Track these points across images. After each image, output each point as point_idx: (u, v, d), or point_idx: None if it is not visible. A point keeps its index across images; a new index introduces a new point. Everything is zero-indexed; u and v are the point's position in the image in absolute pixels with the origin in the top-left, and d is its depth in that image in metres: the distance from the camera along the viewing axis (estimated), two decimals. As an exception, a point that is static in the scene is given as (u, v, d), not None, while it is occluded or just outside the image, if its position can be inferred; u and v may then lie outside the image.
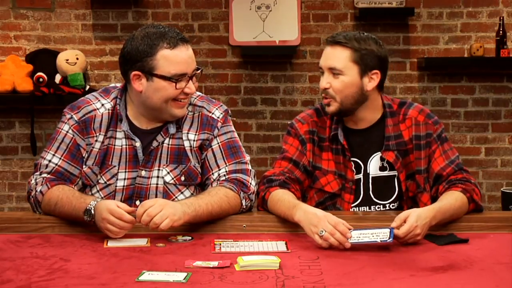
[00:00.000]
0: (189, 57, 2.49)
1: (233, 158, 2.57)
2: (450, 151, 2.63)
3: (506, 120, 4.98)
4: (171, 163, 2.55)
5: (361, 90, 2.58)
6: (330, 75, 2.58)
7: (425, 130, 2.63)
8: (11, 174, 4.95)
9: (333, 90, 2.57)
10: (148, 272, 1.96)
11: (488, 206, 4.99)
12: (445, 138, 2.66)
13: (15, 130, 4.93)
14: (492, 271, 1.99)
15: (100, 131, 2.54)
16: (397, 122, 2.64)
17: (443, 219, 2.37)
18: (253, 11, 4.90)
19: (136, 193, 2.55)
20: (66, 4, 4.89)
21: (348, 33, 2.63)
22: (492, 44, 4.88)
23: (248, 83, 4.97)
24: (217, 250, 2.19)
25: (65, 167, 2.53)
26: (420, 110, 2.68)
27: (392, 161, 2.60)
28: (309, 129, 2.66)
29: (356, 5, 4.88)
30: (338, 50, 2.57)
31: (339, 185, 2.62)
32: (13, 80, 4.70)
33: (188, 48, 2.50)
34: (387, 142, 2.61)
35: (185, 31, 4.88)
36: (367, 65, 2.57)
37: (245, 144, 4.95)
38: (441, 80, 4.96)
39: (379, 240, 2.15)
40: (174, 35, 2.48)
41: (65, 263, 2.06)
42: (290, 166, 2.62)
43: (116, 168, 2.54)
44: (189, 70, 2.48)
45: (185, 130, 2.57)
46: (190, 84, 2.49)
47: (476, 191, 2.52)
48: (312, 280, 1.90)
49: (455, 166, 2.60)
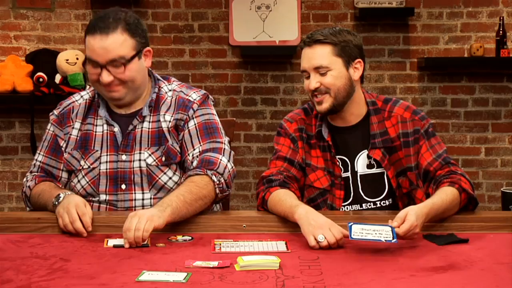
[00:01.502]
0: (100, 47, 2.47)
1: (208, 138, 2.60)
2: (438, 145, 2.63)
3: (506, 120, 4.98)
4: (152, 145, 2.60)
5: (350, 81, 2.59)
6: (317, 75, 2.58)
7: (412, 127, 2.63)
8: (11, 174, 4.95)
9: (325, 86, 2.57)
10: (148, 272, 1.96)
11: (488, 206, 4.99)
12: (432, 133, 2.65)
13: (15, 130, 4.93)
14: (492, 271, 1.99)
15: (76, 119, 2.65)
16: (382, 119, 2.64)
17: (436, 215, 2.37)
18: (253, 11, 4.90)
19: (120, 178, 2.59)
20: (66, 4, 4.89)
21: (321, 30, 2.61)
22: (492, 44, 4.89)
23: (248, 83, 4.97)
24: (217, 250, 2.19)
25: (47, 162, 2.67)
26: (406, 107, 2.67)
27: (378, 159, 2.61)
28: (298, 127, 2.69)
29: (356, 5, 4.88)
30: (319, 48, 2.57)
31: (329, 181, 2.63)
32: (13, 80, 4.70)
33: (106, 37, 2.46)
34: (373, 140, 2.62)
35: (185, 31, 4.88)
36: (349, 55, 2.59)
37: (245, 144, 4.97)
38: (441, 80, 4.96)
39: (383, 240, 2.14)
40: (99, 23, 2.48)
41: (65, 263, 2.06)
42: (285, 165, 2.64)
43: (99, 152, 2.60)
44: (99, 59, 2.48)
45: (163, 112, 2.62)
46: (103, 73, 2.49)
47: (463, 179, 2.50)
48: (312, 280, 1.90)
49: (442, 161, 2.60)
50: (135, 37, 2.52)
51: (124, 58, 2.49)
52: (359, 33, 4.91)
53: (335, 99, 2.58)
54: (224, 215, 2.50)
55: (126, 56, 2.49)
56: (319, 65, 2.56)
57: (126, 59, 2.49)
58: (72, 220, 2.31)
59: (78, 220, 2.31)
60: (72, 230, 2.32)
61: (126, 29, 2.50)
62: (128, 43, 2.50)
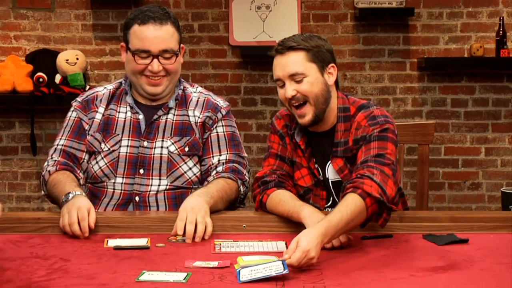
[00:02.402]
0: (155, 36, 2.58)
1: (235, 149, 2.72)
2: (373, 149, 2.42)
3: (506, 120, 4.98)
4: (175, 135, 2.68)
5: (326, 86, 2.52)
6: (292, 82, 2.49)
7: (361, 133, 2.50)
8: (11, 174, 4.95)
9: (302, 93, 2.49)
10: (148, 272, 1.96)
11: (488, 206, 4.99)
12: (377, 137, 2.44)
13: (15, 130, 4.93)
14: (492, 271, 1.99)
15: (101, 104, 2.72)
16: (348, 128, 2.55)
17: (337, 231, 2.14)
18: (253, 11, 4.90)
19: (139, 162, 2.65)
20: (66, 4, 4.89)
21: (291, 37, 2.54)
22: (492, 44, 4.89)
23: (248, 83, 4.97)
24: (217, 250, 2.20)
25: (70, 145, 2.69)
26: (369, 114, 2.52)
27: (336, 170, 2.54)
28: (285, 123, 2.67)
29: (356, 5, 4.88)
30: (292, 55, 2.49)
31: (312, 180, 2.62)
32: (13, 80, 4.70)
33: (159, 28, 2.59)
34: (335, 149, 2.54)
35: (185, 31, 4.88)
36: (323, 60, 2.51)
37: (245, 144, 4.95)
38: (441, 80, 4.96)
39: (274, 273, 1.93)
40: (149, 14, 2.59)
41: (65, 263, 2.06)
42: (277, 162, 2.63)
43: (120, 136, 2.67)
44: (152, 48, 2.60)
45: (191, 107, 2.72)
46: (154, 62, 2.61)
47: (367, 182, 2.26)
48: (312, 280, 1.91)
49: (361, 163, 2.38)
50: (179, 32, 2.68)
51: (173, 50, 2.63)
52: (359, 33, 4.93)
53: (316, 107, 2.50)
54: (224, 215, 2.50)
55: (174, 48, 2.63)
56: (294, 72, 2.48)
57: (175, 51, 2.63)
58: (70, 222, 2.32)
59: (76, 223, 2.31)
60: (70, 231, 2.33)
61: (174, 23, 2.64)
62: (176, 37, 2.66)
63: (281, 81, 2.52)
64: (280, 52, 2.51)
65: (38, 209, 4.92)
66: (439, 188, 4.98)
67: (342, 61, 4.94)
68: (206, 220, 2.33)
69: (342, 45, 4.95)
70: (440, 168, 4.95)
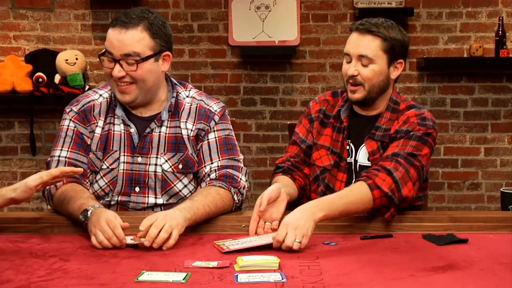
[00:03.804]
0: (117, 40, 2.46)
1: (227, 154, 2.61)
2: (409, 147, 2.50)
3: (505, 120, 4.98)
4: (168, 151, 2.59)
5: (387, 78, 2.61)
6: (358, 63, 2.58)
7: (407, 127, 2.57)
8: (10, 174, 4.95)
9: (362, 77, 2.58)
10: (148, 272, 1.95)
11: (487, 206, 4.99)
12: (416, 137, 2.52)
13: (15, 130, 4.93)
14: (491, 271, 1.99)
15: (100, 117, 2.60)
16: (394, 118, 2.63)
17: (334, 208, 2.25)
18: (253, 11, 4.90)
19: (134, 180, 2.58)
20: (66, 4, 4.89)
21: (375, 20, 2.60)
22: (491, 44, 4.89)
23: (248, 83, 4.97)
24: (226, 248, 2.17)
25: (75, 158, 2.58)
26: (420, 113, 2.61)
27: (369, 151, 2.60)
28: (320, 108, 2.75)
29: (356, 5, 4.88)
30: (369, 38, 2.57)
31: (330, 160, 2.65)
32: (13, 80, 4.70)
33: (125, 31, 2.46)
34: (374, 131, 2.62)
35: (185, 31, 4.88)
36: (394, 54, 2.60)
37: (244, 144, 4.97)
38: (440, 80, 4.96)
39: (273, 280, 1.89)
40: (123, 17, 2.49)
41: (64, 263, 2.05)
42: (297, 149, 2.73)
43: (118, 153, 2.58)
44: (115, 51, 2.47)
45: (183, 119, 2.61)
46: (116, 67, 2.48)
47: (381, 176, 2.38)
48: (312, 280, 1.90)
49: (392, 155, 2.47)
50: (156, 38, 2.50)
51: (138, 55, 2.47)
52: (358, 33, 4.92)
53: (368, 93, 2.60)
54: (224, 215, 2.49)
55: (141, 54, 2.48)
56: (365, 54, 2.57)
57: (141, 57, 2.48)
58: (108, 237, 2.20)
59: (114, 236, 2.20)
60: (109, 246, 2.20)
61: (148, 29, 2.48)
62: (146, 42, 2.48)
63: (349, 57, 2.61)
64: (359, 30, 2.59)
65: (38, 209, 4.92)
66: (439, 188, 4.98)
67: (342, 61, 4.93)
68: (173, 232, 2.20)
69: (342, 45, 4.90)
70: (440, 168, 4.95)
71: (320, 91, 4.96)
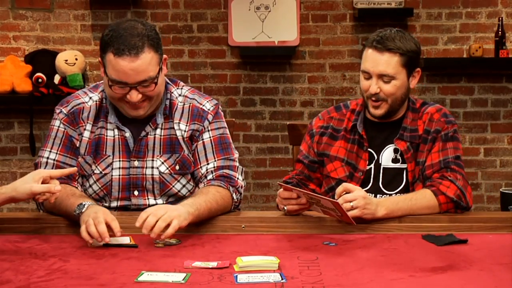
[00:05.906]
0: (131, 69, 2.38)
1: (223, 154, 2.61)
2: (451, 149, 2.63)
3: (505, 121, 4.98)
4: (164, 153, 2.58)
5: (407, 89, 2.66)
6: (379, 80, 2.60)
7: (436, 126, 2.65)
8: (10, 174, 4.95)
9: (385, 94, 2.61)
10: (147, 273, 1.96)
11: (487, 207, 4.99)
12: (452, 137, 2.65)
13: (14, 130, 4.93)
14: (491, 272, 1.99)
15: (88, 120, 2.58)
16: (416, 118, 2.68)
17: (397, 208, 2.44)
18: (252, 12, 4.90)
19: (132, 184, 2.57)
20: (65, 5, 4.89)
21: (388, 33, 2.61)
22: (491, 44, 4.89)
23: (247, 84, 4.97)
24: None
25: (63, 160, 2.57)
26: (439, 108, 2.71)
27: (402, 150, 2.64)
28: (323, 124, 2.77)
29: (355, 6, 4.88)
30: (387, 55, 2.59)
31: (346, 172, 2.68)
32: (12, 80, 4.70)
33: (136, 59, 2.38)
34: (402, 132, 2.66)
35: (184, 32, 4.88)
36: (412, 65, 2.64)
37: (244, 145, 4.97)
38: (440, 81, 4.96)
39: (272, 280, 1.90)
40: (125, 43, 2.38)
41: (64, 264, 2.05)
42: (301, 167, 2.78)
43: (111, 158, 2.57)
44: (130, 80, 2.40)
45: (176, 120, 2.60)
46: (132, 93, 2.42)
47: (444, 183, 2.52)
48: (311, 280, 1.90)
49: (444, 164, 2.60)
50: (158, 51, 2.45)
51: (152, 78, 2.43)
52: (358, 33, 4.93)
53: (391, 107, 2.64)
54: (223, 216, 2.49)
55: (154, 75, 2.43)
56: (385, 73, 2.59)
57: (154, 79, 2.43)
58: (97, 222, 2.18)
59: (103, 223, 2.19)
60: (95, 232, 2.17)
61: (151, 45, 2.41)
62: (154, 60, 2.43)
63: (368, 74, 2.62)
64: (377, 49, 2.59)
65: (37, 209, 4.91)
66: (438, 189, 4.98)
67: (341, 62, 4.94)
68: (172, 221, 2.18)
69: (341, 45, 4.95)
70: (439, 168, 4.95)
71: (320, 92, 4.96)
